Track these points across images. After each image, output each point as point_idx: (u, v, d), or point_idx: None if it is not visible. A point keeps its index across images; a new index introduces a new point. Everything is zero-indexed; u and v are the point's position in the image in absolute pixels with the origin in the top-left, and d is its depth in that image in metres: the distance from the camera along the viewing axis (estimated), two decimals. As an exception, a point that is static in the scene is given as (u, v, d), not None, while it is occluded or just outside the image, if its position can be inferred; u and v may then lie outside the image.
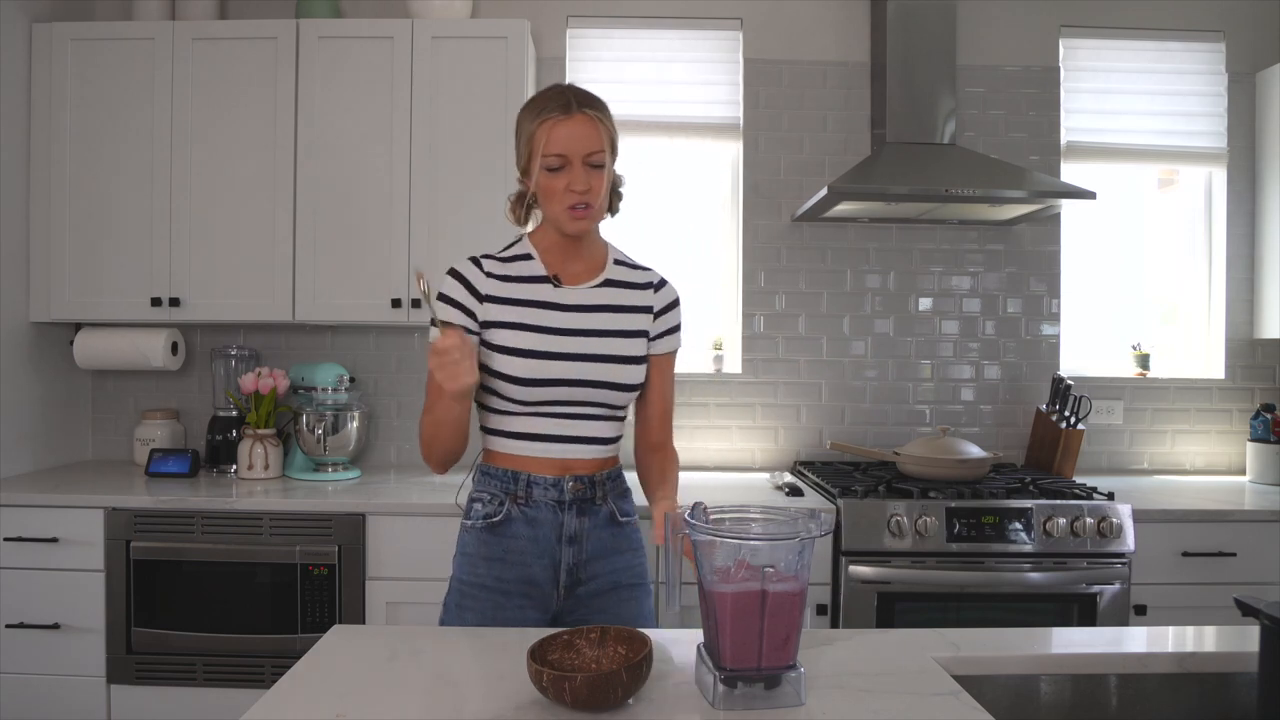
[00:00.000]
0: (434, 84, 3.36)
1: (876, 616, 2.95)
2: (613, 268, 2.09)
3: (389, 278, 3.38)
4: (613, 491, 2.07)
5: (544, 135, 1.89)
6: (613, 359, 1.99)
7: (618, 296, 2.05)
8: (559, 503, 1.98)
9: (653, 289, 2.10)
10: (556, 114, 1.88)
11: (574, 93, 1.93)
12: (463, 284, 1.99)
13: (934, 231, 3.85)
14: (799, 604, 1.36)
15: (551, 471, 1.99)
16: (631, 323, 2.04)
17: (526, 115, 1.95)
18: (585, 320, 2.00)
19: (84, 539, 2.99)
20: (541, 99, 1.94)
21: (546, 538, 1.97)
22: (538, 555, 1.97)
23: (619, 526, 2.06)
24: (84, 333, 3.56)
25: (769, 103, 3.84)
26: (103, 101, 3.41)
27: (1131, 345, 3.95)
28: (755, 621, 1.34)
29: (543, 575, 1.97)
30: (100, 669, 2.99)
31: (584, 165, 1.90)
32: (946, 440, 3.28)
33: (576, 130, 1.88)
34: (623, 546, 2.06)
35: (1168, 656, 1.60)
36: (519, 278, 2.01)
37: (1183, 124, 3.88)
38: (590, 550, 2.01)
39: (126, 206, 3.41)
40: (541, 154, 1.90)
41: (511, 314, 1.96)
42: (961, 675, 1.50)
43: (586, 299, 2.02)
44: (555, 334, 1.96)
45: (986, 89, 3.86)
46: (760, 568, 1.33)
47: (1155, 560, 3.03)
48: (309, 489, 3.21)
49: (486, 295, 1.98)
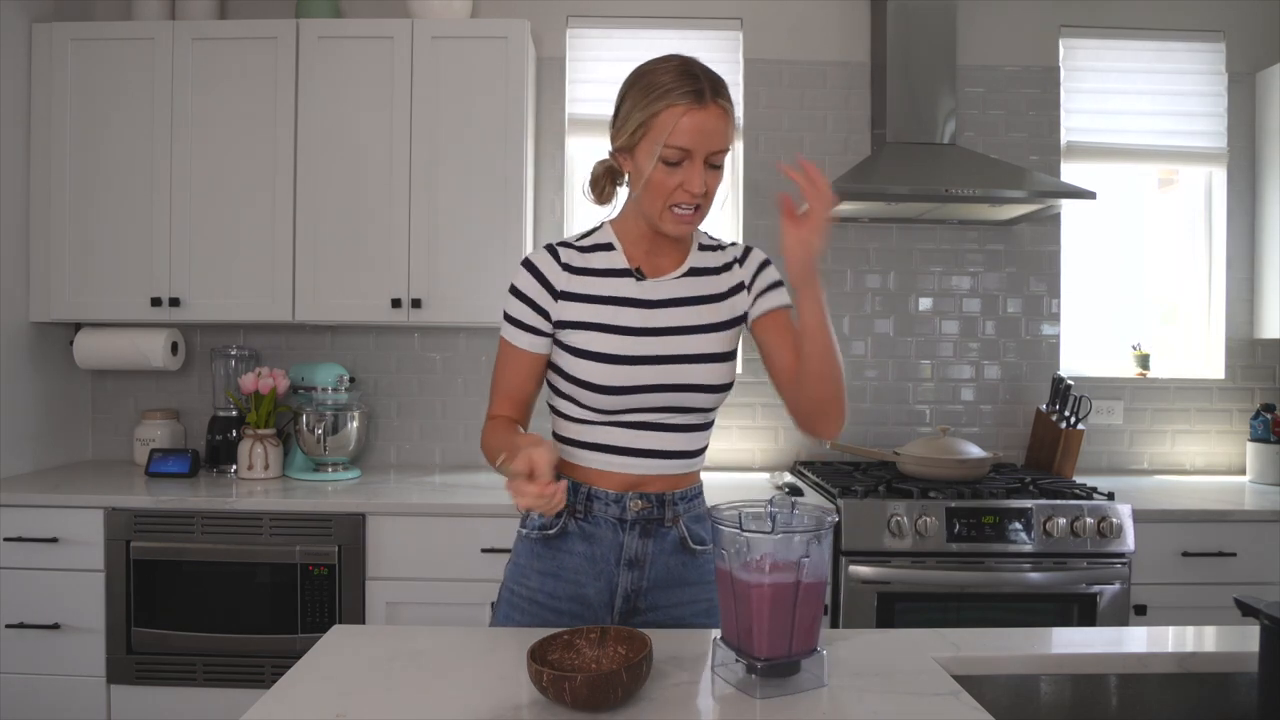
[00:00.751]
0: (434, 84, 3.36)
1: (876, 616, 2.94)
2: (697, 254, 1.87)
3: (389, 278, 3.38)
4: (687, 514, 1.84)
5: (670, 122, 1.63)
6: (701, 358, 1.77)
7: (705, 285, 1.84)
8: (620, 521, 1.79)
9: (738, 264, 1.90)
10: (688, 101, 1.63)
11: (708, 76, 1.67)
12: (537, 279, 1.78)
13: (934, 231, 3.85)
14: (823, 591, 1.44)
15: (616, 486, 1.79)
16: (723, 312, 1.83)
17: (645, 91, 1.68)
18: (670, 316, 1.78)
19: (84, 539, 2.99)
20: (668, 75, 1.66)
21: (604, 557, 1.79)
22: (593, 575, 1.78)
23: (690, 555, 1.83)
24: (84, 333, 3.56)
25: (770, 103, 3.84)
26: (103, 101, 3.41)
27: (1131, 345, 3.95)
28: (789, 611, 1.38)
29: (596, 597, 1.79)
30: (100, 669, 2.99)
31: (705, 164, 1.67)
32: (946, 440, 3.28)
33: (707, 124, 1.64)
34: (692, 578, 1.84)
35: (1168, 656, 1.60)
36: (598, 270, 1.80)
37: (1183, 124, 3.88)
38: (653, 577, 1.80)
39: (126, 206, 3.41)
40: (664, 144, 1.64)
41: (590, 312, 1.76)
42: (961, 675, 1.50)
43: (671, 291, 1.80)
44: (639, 335, 1.75)
45: (986, 89, 3.86)
46: (796, 560, 1.38)
47: (1155, 560, 3.03)
48: (309, 489, 3.21)
49: (563, 292, 1.77)
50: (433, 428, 3.84)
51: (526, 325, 1.79)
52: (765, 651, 1.38)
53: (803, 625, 1.40)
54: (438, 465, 3.82)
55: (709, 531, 1.87)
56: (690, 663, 1.51)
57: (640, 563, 1.80)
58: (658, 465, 1.80)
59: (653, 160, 1.67)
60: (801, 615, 1.39)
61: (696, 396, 1.78)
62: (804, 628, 1.40)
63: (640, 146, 1.69)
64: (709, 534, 1.87)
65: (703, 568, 1.86)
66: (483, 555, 2.95)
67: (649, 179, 1.69)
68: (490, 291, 3.31)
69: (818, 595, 1.42)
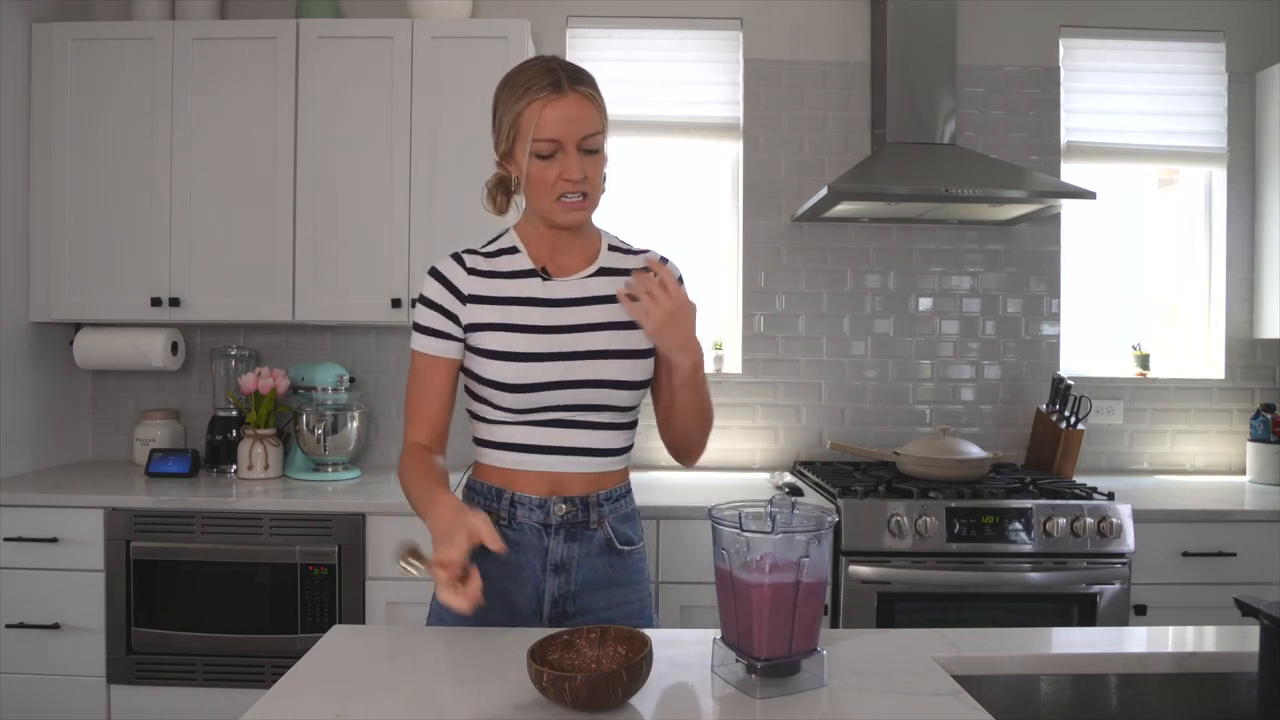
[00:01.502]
0: (434, 84, 3.36)
1: (876, 616, 2.94)
2: (607, 254, 1.88)
3: (389, 278, 3.38)
4: (612, 514, 1.84)
5: (533, 117, 1.66)
6: (612, 354, 1.78)
7: (615, 285, 1.81)
8: (544, 525, 1.78)
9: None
10: (546, 93, 1.66)
11: (564, 67, 1.70)
12: (443, 284, 1.81)
13: (934, 231, 3.85)
14: (823, 591, 1.44)
15: (538, 490, 1.79)
16: None
17: (508, 93, 1.72)
18: (579, 314, 1.79)
19: (84, 539, 2.99)
20: (525, 74, 1.70)
21: (530, 564, 1.78)
22: (519, 582, 1.78)
23: (617, 555, 1.84)
24: (84, 333, 3.56)
25: (769, 103, 3.84)
26: (103, 101, 3.41)
27: (1131, 345, 3.95)
28: (789, 611, 1.38)
29: (524, 605, 1.78)
30: (100, 669, 2.99)
31: (579, 151, 1.69)
32: (946, 440, 3.28)
33: (570, 111, 1.67)
34: (621, 579, 1.84)
35: (1168, 656, 1.60)
36: (504, 273, 1.82)
37: (1183, 124, 3.88)
38: (580, 581, 1.80)
39: (126, 206, 3.41)
40: (531, 139, 1.67)
41: (497, 314, 1.78)
42: (961, 675, 1.49)
43: (579, 291, 1.82)
44: (545, 332, 1.76)
45: (986, 89, 3.86)
46: (796, 560, 1.38)
47: (1155, 560, 3.03)
48: (309, 489, 3.21)
49: (470, 295, 1.80)
50: (433, 428, 3.83)
51: (437, 331, 1.81)
52: (765, 651, 1.39)
53: (803, 625, 1.40)
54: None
55: (637, 531, 1.91)
56: (690, 663, 1.51)
57: (566, 567, 1.80)
58: (576, 463, 1.80)
59: (528, 157, 1.70)
60: (801, 615, 1.39)
61: (608, 393, 1.78)
62: (804, 628, 1.40)
63: (516, 147, 1.73)
64: (637, 533, 1.90)
65: (631, 567, 1.87)
66: (483, 555, 2.95)
67: (529, 175, 1.72)
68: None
69: (818, 595, 1.42)
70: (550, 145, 1.68)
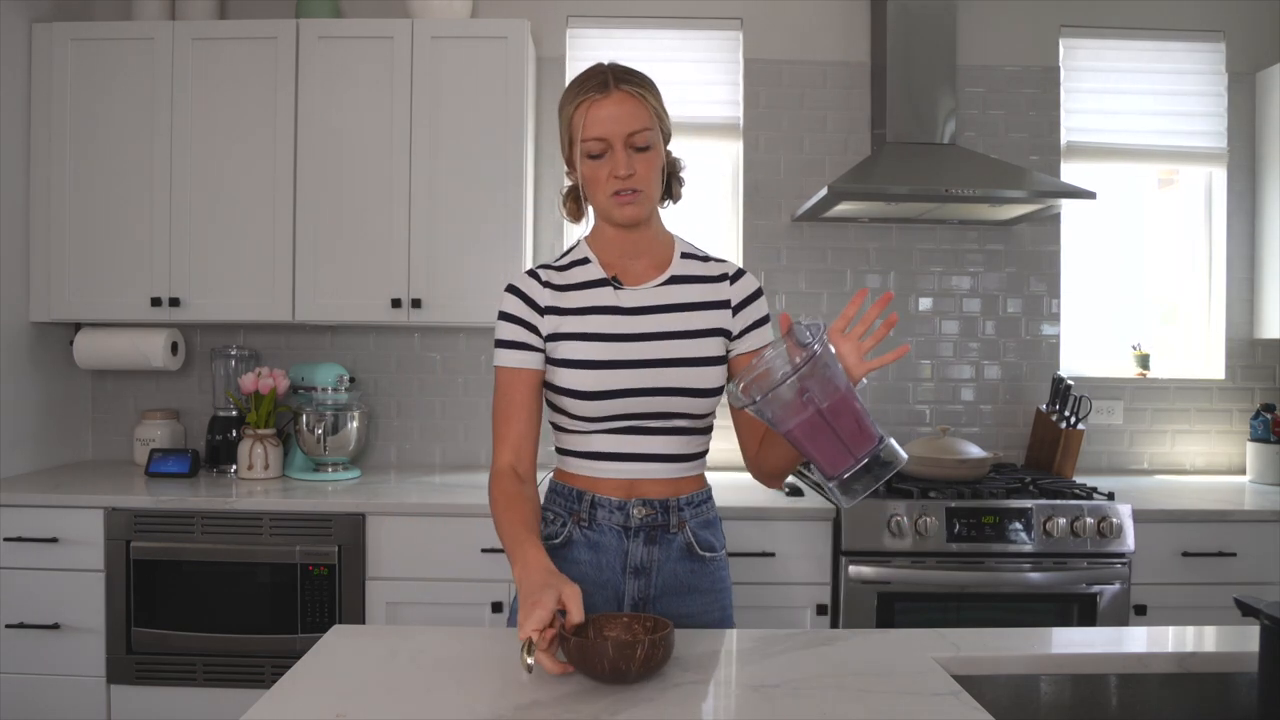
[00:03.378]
0: (434, 84, 3.36)
1: (876, 616, 2.95)
2: (679, 262, 1.88)
3: (389, 278, 3.38)
4: (693, 519, 1.85)
5: (581, 118, 1.72)
6: (684, 362, 1.78)
7: (686, 293, 1.84)
8: (625, 528, 1.80)
9: (728, 281, 1.89)
10: (593, 94, 1.71)
11: (613, 69, 1.75)
12: (521, 298, 1.83)
13: (934, 231, 3.85)
14: (851, 397, 1.49)
15: (618, 493, 1.81)
16: (704, 320, 1.83)
17: (565, 99, 1.77)
18: (650, 323, 1.80)
19: (84, 539, 2.99)
20: (580, 79, 1.76)
21: (610, 565, 1.80)
22: (599, 584, 1.79)
23: (699, 561, 1.84)
24: (84, 333, 3.56)
25: (769, 103, 3.84)
26: (103, 101, 3.41)
27: (1131, 345, 3.95)
28: (829, 433, 1.48)
29: (604, 607, 1.79)
30: (100, 669, 2.99)
31: (626, 148, 1.72)
32: (946, 440, 3.28)
33: (615, 110, 1.71)
34: (702, 585, 1.84)
35: (1168, 656, 1.60)
36: (578, 284, 1.84)
37: (1183, 124, 3.88)
38: (660, 585, 1.81)
39: (126, 206, 3.41)
40: (581, 139, 1.73)
41: (572, 324, 1.80)
42: (961, 675, 1.50)
43: (651, 299, 1.83)
44: (619, 340, 1.78)
45: (986, 89, 3.86)
46: (801, 399, 1.46)
47: (1155, 560, 3.03)
48: (309, 489, 3.21)
49: (547, 307, 1.81)
50: (433, 428, 3.84)
51: (518, 343, 1.82)
52: (833, 470, 1.50)
53: (849, 433, 1.48)
54: (438, 465, 3.82)
55: (719, 538, 1.90)
56: (704, 659, 1.52)
57: (646, 570, 1.81)
58: (653, 469, 1.81)
59: (581, 159, 1.75)
60: (842, 427, 1.47)
61: (682, 400, 1.79)
62: (850, 434, 1.48)
63: (573, 151, 1.77)
64: (719, 540, 1.90)
65: (712, 575, 1.86)
66: (482, 555, 2.95)
67: (583, 176, 1.77)
68: (490, 291, 3.30)
69: (848, 403, 1.48)
70: (599, 144, 1.72)
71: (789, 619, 2.99)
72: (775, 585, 2.99)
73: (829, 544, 3.00)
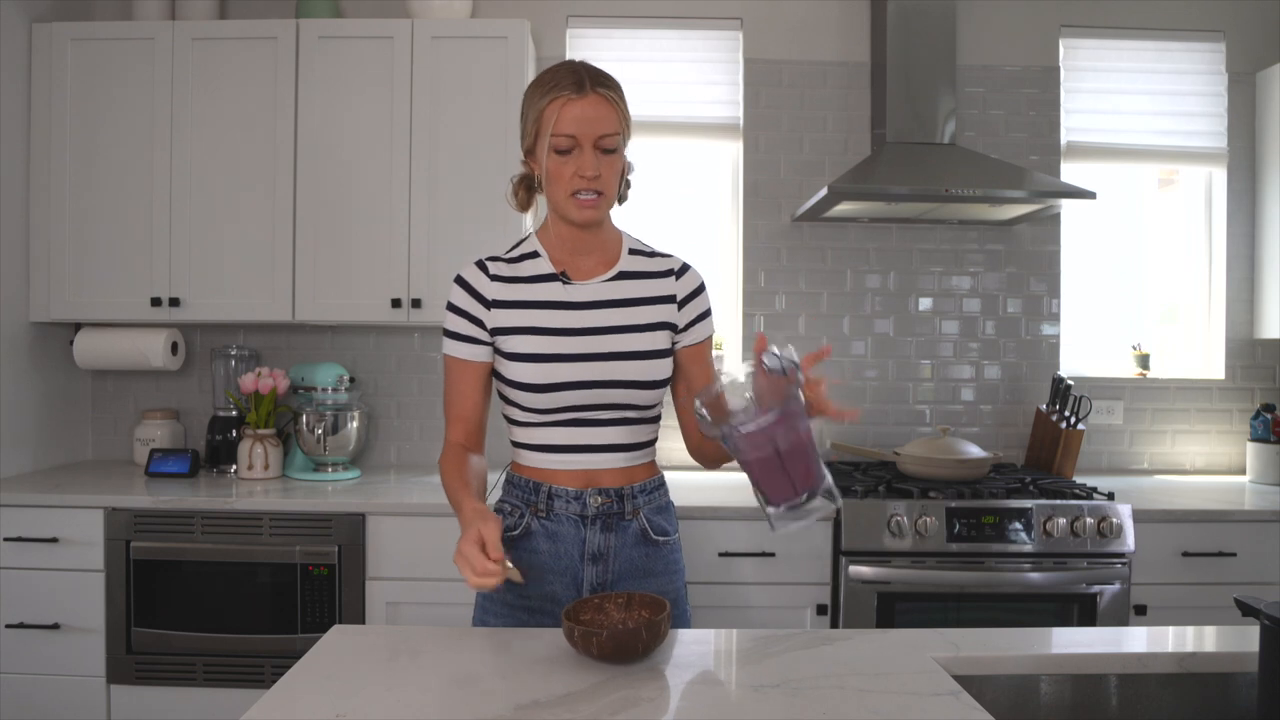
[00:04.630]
0: (434, 84, 3.37)
1: (876, 617, 2.95)
2: (627, 258, 1.94)
3: (389, 277, 3.38)
4: (646, 506, 1.91)
5: (553, 114, 1.74)
6: (631, 355, 1.84)
7: (634, 289, 1.90)
8: (581, 517, 1.86)
9: (674, 276, 1.95)
10: (569, 92, 1.74)
11: (588, 70, 1.78)
12: (468, 291, 1.88)
13: (934, 231, 3.85)
14: (810, 440, 1.55)
15: (575, 484, 1.86)
16: (651, 315, 1.89)
17: (535, 91, 1.79)
18: (598, 317, 1.86)
19: (84, 539, 2.99)
20: (552, 74, 1.78)
21: (568, 554, 1.85)
22: (558, 572, 1.85)
23: (653, 546, 1.91)
24: (84, 333, 3.56)
25: (769, 102, 3.84)
26: (102, 101, 3.41)
27: (1131, 345, 3.96)
28: (780, 470, 1.53)
29: (564, 593, 1.85)
30: (100, 669, 2.99)
31: (595, 149, 1.76)
32: (946, 440, 3.28)
33: (590, 110, 1.74)
34: (656, 568, 1.91)
35: (1168, 656, 1.60)
36: (526, 278, 1.89)
37: (1183, 124, 3.88)
38: (617, 570, 1.87)
39: (126, 206, 3.41)
40: (550, 134, 1.75)
41: (520, 318, 1.85)
42: (961, 675, 1.50)
43: (598, 294, 1.88)
44: (566, 335, 1.83)
45: (986, 89, 3.86)
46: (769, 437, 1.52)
47: (1155, 560, 3.03)
48: (309, 489, 3.21)
49: (494, 300, 1.86)
50: (433, 428, 3.84)
51: (464, 336, 1.88)
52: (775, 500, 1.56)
53: (799, 473, 1.54)
54: (437, 465, 3.80)
55: (671, 523, 1.98)
56: (703, 659, 1.52)
57: (603, 556, 1.87)
58: (606, 459, 1.88)
59: (547, 152, 1.78)
60: (795, 467, 1.53)
61: (630, 393, 1.85)
62: (801, 475, 1.54)
63: (538, 143, 1.81)
64: (672, 525, 1.97)
65: (666, 558, 1.93)
66: (483, 555, 2.95)
67: (547, 170, 1.80)
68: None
69: (802, 450, 1.54)
70: (568, 141, 1.76)
71: (789, 619, 2.99)
72: (775, 585, 2.99)
73: (829, 544, 3.00)
